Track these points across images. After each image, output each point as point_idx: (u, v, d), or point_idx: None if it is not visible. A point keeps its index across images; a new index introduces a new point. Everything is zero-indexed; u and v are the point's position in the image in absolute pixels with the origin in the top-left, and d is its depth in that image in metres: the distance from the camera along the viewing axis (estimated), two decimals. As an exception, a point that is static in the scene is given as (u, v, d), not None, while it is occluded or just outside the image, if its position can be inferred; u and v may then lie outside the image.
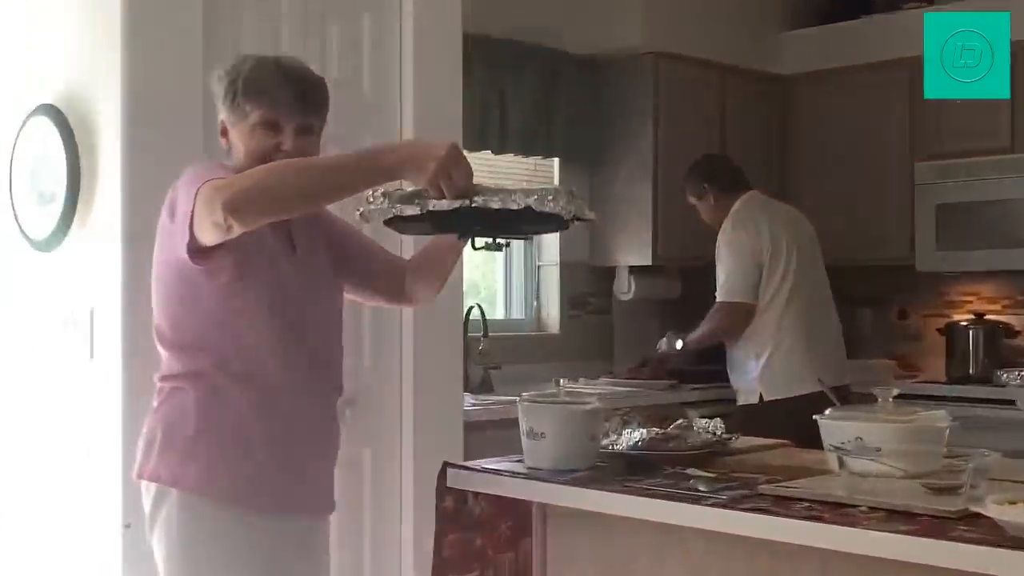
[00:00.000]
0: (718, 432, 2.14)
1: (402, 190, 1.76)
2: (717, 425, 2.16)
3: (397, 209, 1.75)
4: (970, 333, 4.47)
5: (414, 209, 1.74)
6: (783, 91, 4.92)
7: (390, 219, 1.77)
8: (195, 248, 1.82)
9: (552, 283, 4.63)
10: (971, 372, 4.42)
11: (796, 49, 4.87)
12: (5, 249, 2.92)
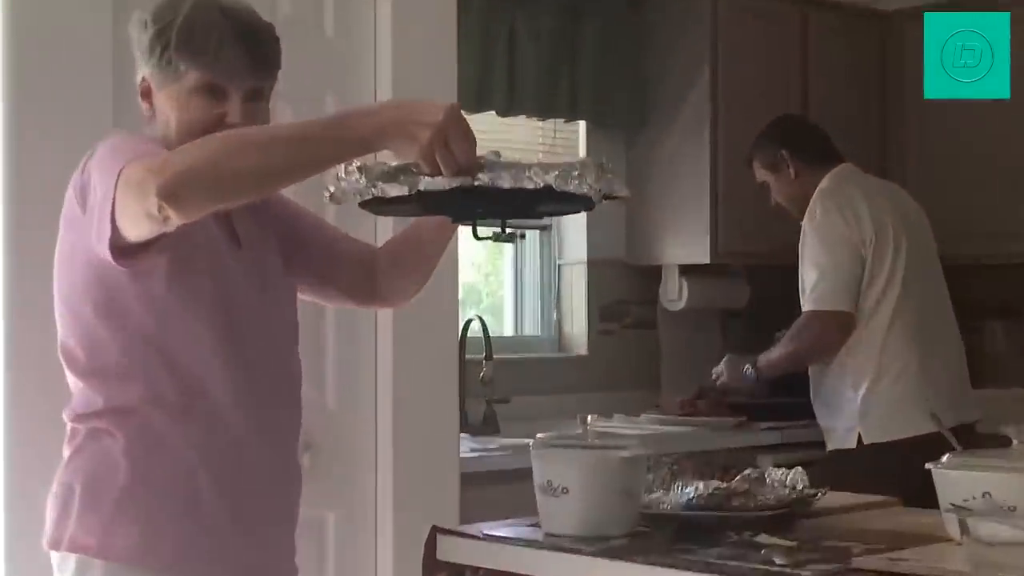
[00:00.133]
0: (799, 486, 2.15)
1: (384, 164, 1.79)
2: (798, 477, 2.16)
3: (378, 189, 1.77)
4: None
5: (400, 189, 1.76)
6: (884, 31, 4.91)
7: (368, 200, 1.80)
8: (119, 245, 1.84)
9: (577, 288, 4.63)
10: None
11: (901, -26, 4.91)
12: None
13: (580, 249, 4.63)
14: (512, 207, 1.80)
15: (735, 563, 1.83)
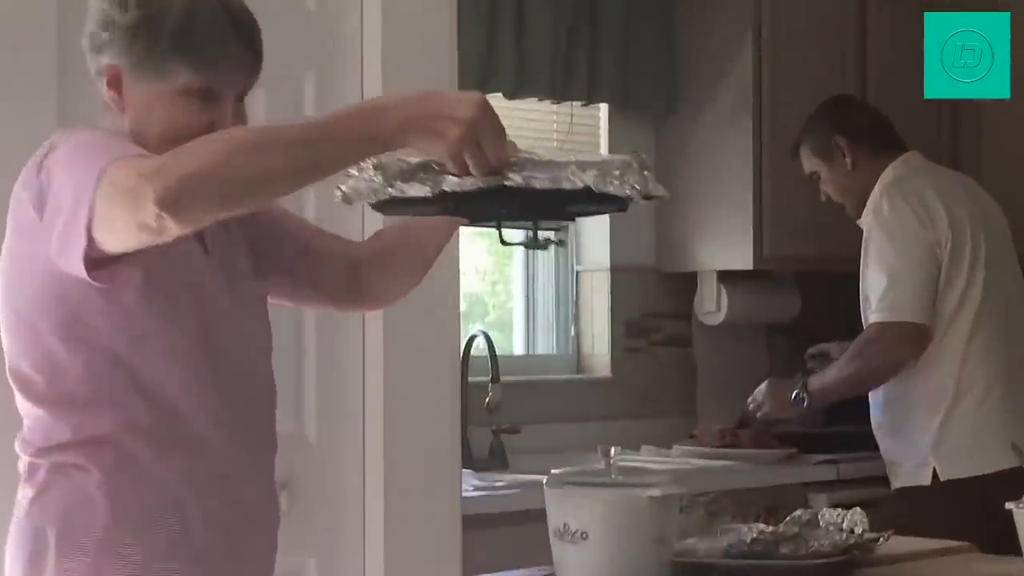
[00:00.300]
0: (858, 529, 2.14)
1: (403, 161, 1.82)
2: (857, 518, 2.16)
3: (396, 188, 1.81)
4: None
5: (421, 189, 1.80)
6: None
7: (383, 201, 1.83)
8: (90, 257, 1.86)
9: (599, 299, 4.61)
10: None
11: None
12: None
13: (602, 254, 4.60)
14: (541, 209, 1.85)
15: (784, 620, 1.85)
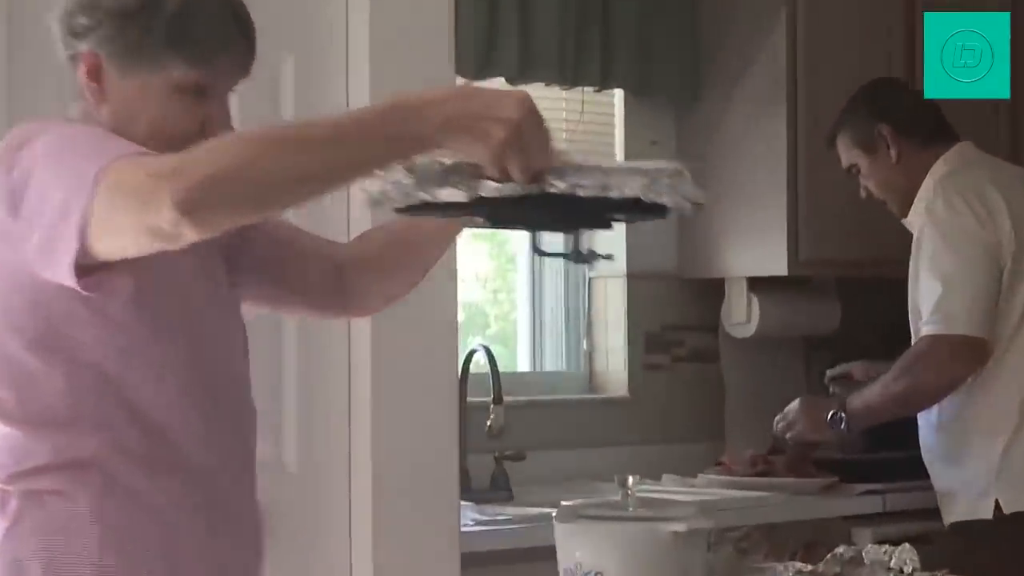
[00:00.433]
0: (907, 569, 2.15)
1: (436, 162, 1.85)
2: (906, 556, 2.16)
3: (428, 193, 1.83)
4: None
5: (455, 194, 1.82)
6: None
7: (413, 205, 1.86)
8: (82, 265, 1.88)
9: (614, 309, 4.63)
10: None
11: None
12: None
13: (618, 258, 4.57)
14: (580, 217, 1.87)
15: (824, 671, 1.85)
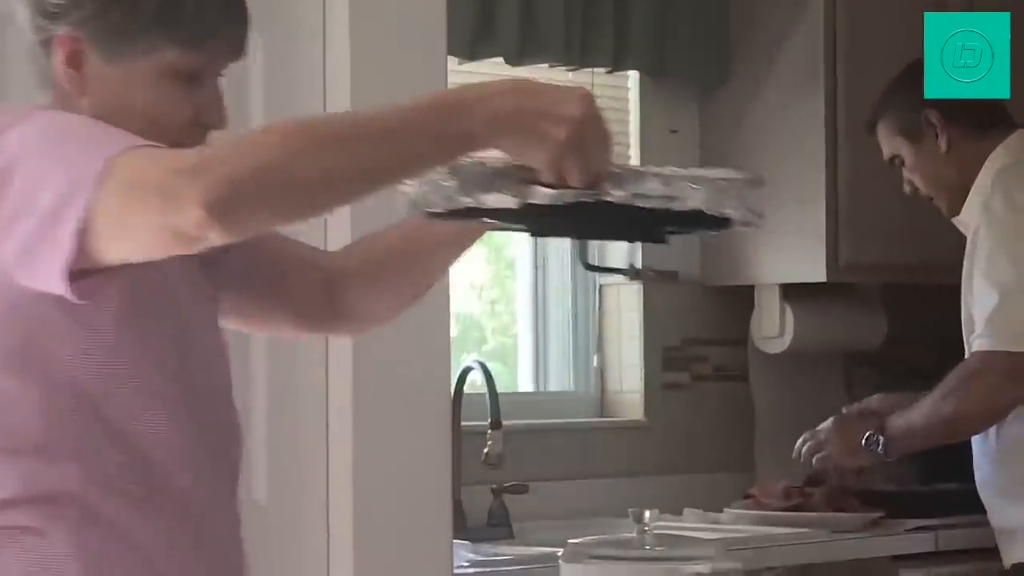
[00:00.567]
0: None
1: (480, 164, 1.89)
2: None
3: (472, 197, 1.87)
4: None
5: (502, 199, 1.86)
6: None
7: (454, 210, 1.90)
8: (75, 270, 1.91)
9: (629, 321, 4.69)
10: None
11: None
12: None
13: (632, 262, 4.67)
14: (634, 229, 1.96)
15: None
